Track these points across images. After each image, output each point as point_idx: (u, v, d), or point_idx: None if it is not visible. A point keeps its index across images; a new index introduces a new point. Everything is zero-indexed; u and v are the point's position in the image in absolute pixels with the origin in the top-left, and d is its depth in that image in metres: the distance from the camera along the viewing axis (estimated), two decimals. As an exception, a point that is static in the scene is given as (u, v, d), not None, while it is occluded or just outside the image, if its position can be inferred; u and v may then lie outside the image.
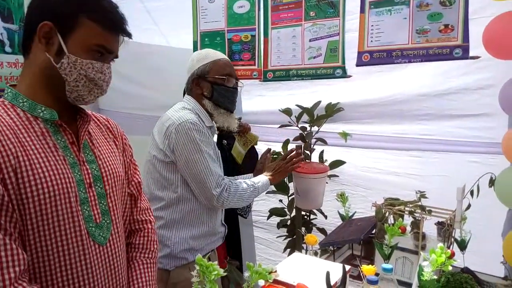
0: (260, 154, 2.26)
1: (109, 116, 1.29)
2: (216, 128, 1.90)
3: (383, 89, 2.29)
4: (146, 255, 1.27)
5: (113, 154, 1.19)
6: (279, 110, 2.35)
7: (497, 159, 1.69)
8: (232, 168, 1.82)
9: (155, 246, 1.31)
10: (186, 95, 1.89)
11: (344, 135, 2.27)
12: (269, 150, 2.09)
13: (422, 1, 1.93)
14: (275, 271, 1.30)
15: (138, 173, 1.32)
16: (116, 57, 1.12)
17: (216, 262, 1.08)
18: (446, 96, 2.11)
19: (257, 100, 2.72)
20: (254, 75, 2.51)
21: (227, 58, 1.90)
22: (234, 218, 2.36)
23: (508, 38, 1.54)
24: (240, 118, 2.19)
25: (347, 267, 1.47)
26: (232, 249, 2.19)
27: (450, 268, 1.34)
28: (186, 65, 1.89)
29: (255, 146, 2.32)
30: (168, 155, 1.73)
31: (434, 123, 2.17)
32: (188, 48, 2.64)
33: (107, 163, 1.14)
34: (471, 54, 1.85)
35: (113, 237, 1.12)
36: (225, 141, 2.11)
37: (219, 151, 1.87)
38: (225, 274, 1.12)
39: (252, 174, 2.00)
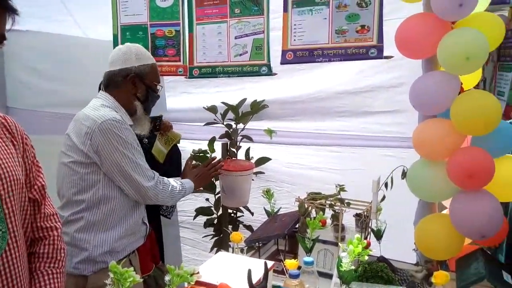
0: (183, 153, 2.21)
1: (17, 115, 1.17)
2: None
3: (305, 86, 2.36)
4: (52, 265, 1.17)
5: (10, 155, 1.08)
6: (204, 107, 2.32)
7: (408, 152, 1.81)
8: (152, 167, 1.78)
9: (62, 254, 1.21)
10: (102, 91, 1.80)
11: (269, 132, 2.30)
12: (193, 156, 2.12)
13: (341, 2, 2.01)
14: (198, 273, 1.27)
15: (41, 176, 1.22)
16: (4, 38, 1.01)
17: (137, 264, 1.02)
18: (363, 94, 2.22)
19: (182, 97, 2.66)
20: (180, 71, 2.44)
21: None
22: (156, 219, 2.28)
23: (418, 39, 1.64)
24: (161, 116, 2.12)
25: (271, 263, 1.48)
26: (155, 252, 2.11)
27: (366, 258, 1.40)
28: (111, 56, 1.80)
29: (178, 145, 2.26)
30: (90, 156, 1.64)
31: (351, 119, 2.28)
32: (107, 40, 2.50)
33: (3, 165, 1.03)
34: (385, 53, 1.95)
35: (10, 246, 1.01)
36: (146, 140, 2.04)
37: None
38: (142, 280, 1.07)
39: (180, 178, 1.99)
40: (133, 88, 1.79)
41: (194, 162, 2.12)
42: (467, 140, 1.62)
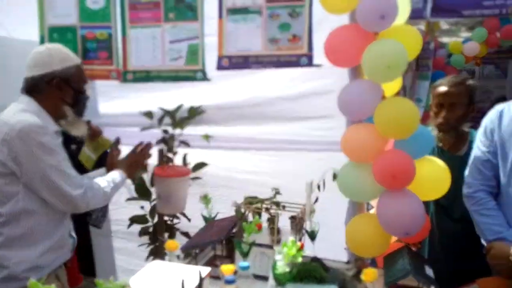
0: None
1: None
2: (60, 132, 1.74)
3: (242, 92, 2.39)
4: None
5: None
6: (140, 112, 2.26)
7: (338, 156, 1.90)
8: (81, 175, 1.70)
9: None
10: (23, 95, 1.68)
11: (207, 137, 2.30)
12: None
13: (273, 11, 2.07)
14: (128, 285, 1.23)
15: None
16: None
17: (65, 279, 0.97)
18: (296, 100, 2.30)
19: (117, 101, 2.57)
20: (113, 75, 2.36)
21: None
22: (85, 230, 2.18)
23: (344, 49, 1.74)
24: (89, 121, 2.04)
25: (206, 270, 1.48)
26: (85, 264, 2.02)
27: (300, 259, 1.45)
28: (31, 59, 1.69)
29: (109, 151, 2.17)
30: (8, 165, 1.52)
31: (285, 124, 2.35)
32: (34, 41, 2.35)
33: None
34: (315, 62, 2.04)
35: None
36: (74, 146, 1.94)
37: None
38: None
39: (105, 168, 1.89)
40: (60, 93, 1.68)
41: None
42: (390, 143, 1.74)
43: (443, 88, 1.99)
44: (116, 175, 1.82)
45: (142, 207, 2.45)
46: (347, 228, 1.80)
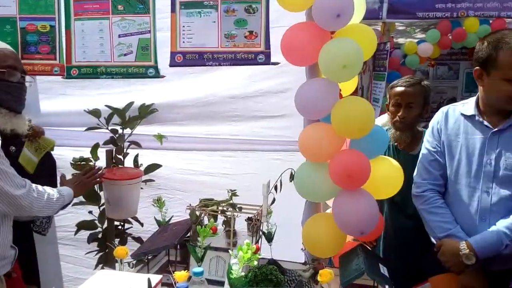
0: (62, 162, 2.00)
1: None
2: None
3: (196, 90, 2.31)
4: None
5: None
6: (85, 110, 2.12)
7: (295, 155, 1.87)
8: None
9: None
10: None
11: (160, 137, 2.20)
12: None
13: (229, 6, 2.00)
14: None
15: None
16: None
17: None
18: (253, 99, 2.25)
19: (60, 99, 2.41)
20: (55, 71, 2.20)
21: (10, 48, 1.62)
22: (28, 237, 2.02)
23: (301, 47, 1.70)
24: (29, 121, 1.89)
25: (157, 278, 1.40)
26: (28, 273, 1.87)
27: (255, 263, 1.39)
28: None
29: (54, 153, 2.03)
30: None
31: (243, 124, 2.29)
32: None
33: None
34: (272, 60, 1.99)
35: None
36: (13, 148, 1.79)
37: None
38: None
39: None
40: None
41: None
42: (346, 143, 1.73)
43: (400, 88, 2.01)
44: (64, 189, 1.76)
45: (90, 212, 2.32)
46: (303, 228, 1.77)
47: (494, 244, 1.53)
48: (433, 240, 1.74)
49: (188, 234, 1.86)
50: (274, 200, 1.93)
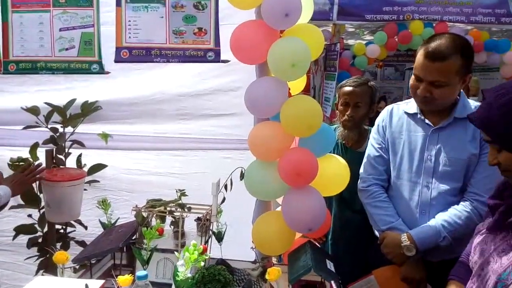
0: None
1: None
2: None
3: (143, 87, 2.23)
4: None
5: None
6: (23, 108, 1.99)
7: (246, 154, 1.86)
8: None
9: None
10: None
11: (105, 136, 2.11)
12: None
13: (177, 2, 1.96)
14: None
15: None
16: None
17: None
18: (203, 97, 2.21)
19: (-6, 96, 2.24)
20: (-9, 66, 2.05)
21: None
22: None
23: (250, 45, 1.69)
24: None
25: (98, 283, 1.34)
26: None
27: (202, 263, 1.37)
28: None
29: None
30: None
31: (192, 122, 2.25)
32: None
33: None
34: (222, 57, 1.97)
35: None
36: None
37: None
38: None
39: None
40: None
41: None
42: (295, 142, 1.74)
43: (348, 88, 2.06)
44: (0, 187, 1.67)
45: (29, 216, 2.18)
46: (253, 227, 1.77)
47: (433, 236, 1.60)
48: (376, 233, 1.80)
49: (135, 237, 1.80)
50: (224, 199, 1.91)
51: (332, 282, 1.58)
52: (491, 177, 1.51)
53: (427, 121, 1.69)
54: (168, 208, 1.81)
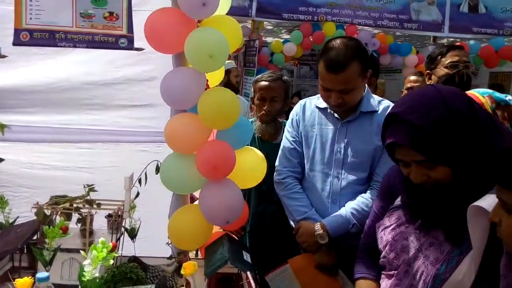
0: None
1: None
2: None
3: (47, 74, 2.04)
4: None
5: None
6: None
7: (162, 147, 1.79)
8: None
9: None
10: None
11: (1, 127, 1.89)
12: None
13: (86, -18, 1.82)
14: None
15: None
16: None
17: None
18: (114, 86, 2.09)
19: None
20: None
21: None
22: None
23: (165, 33, 1.63)
24: None
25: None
26: None
27: (112, 262, 1.29)
28: None
29: None
30: None
31: (103, 113, 2.11)
32: None
33: None
34: (137, 45, 1.88)
35: None
36: None
37: None
38: None
39: None
40: None
41: None
42: (213, 134, 1.72)
43: (264, 83, 2.11)
44: None
45: None
46: (169, 222, 1.72)
47: (344, 224, 1.70)
48: (292, 223, 1.85)
49: (36, 236, 1.65)
50: (138, 194, 1.83)
51: (248, 272, 1.60)
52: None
53: (336, 115, 1.78)
54: (75, 205, 1.68)
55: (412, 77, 3.15)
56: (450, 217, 1.07)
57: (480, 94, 1.97)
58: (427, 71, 2.28)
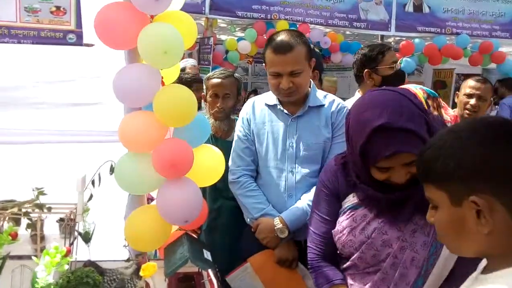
0: None
1: None
2: None
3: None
4: None
5: None
6: None
7: (116, 146, 1.73)
8: None
9: None
10: None
11: None
12: None
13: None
14: None
15: None
16: None
17: None
18: (63, 84, 2.00)
19: None
20: None
21: None
22: None
23: (117, 29, 1.57)
24: None
25: None
26: None
27: (66, 267, 1.24)
28: None
29: None
30: None
31: (50, 112, 2.03)
32: None
33: None
34: (86, 41, 1.81)
35: None
36: None
37: None
38: None
39: None
40: None
41: None
42: (170, 132, 1.69)
43: (217, 80, 2.11)
44: None
45: None
46: (125, 223, 1.67)
47: (302, 216, 1.74)
48: (249, 222, 1.87)
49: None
50: (91, 196, 1.76)
51: (209, 270, 1.59)
52: None
53: (286, 111, 1.82)
54: (24, 210, 1.59)
55: (473, 83, 2.66)
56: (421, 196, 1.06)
57: (413, 87, 2.10)
58: (367, 70, 2.36)
